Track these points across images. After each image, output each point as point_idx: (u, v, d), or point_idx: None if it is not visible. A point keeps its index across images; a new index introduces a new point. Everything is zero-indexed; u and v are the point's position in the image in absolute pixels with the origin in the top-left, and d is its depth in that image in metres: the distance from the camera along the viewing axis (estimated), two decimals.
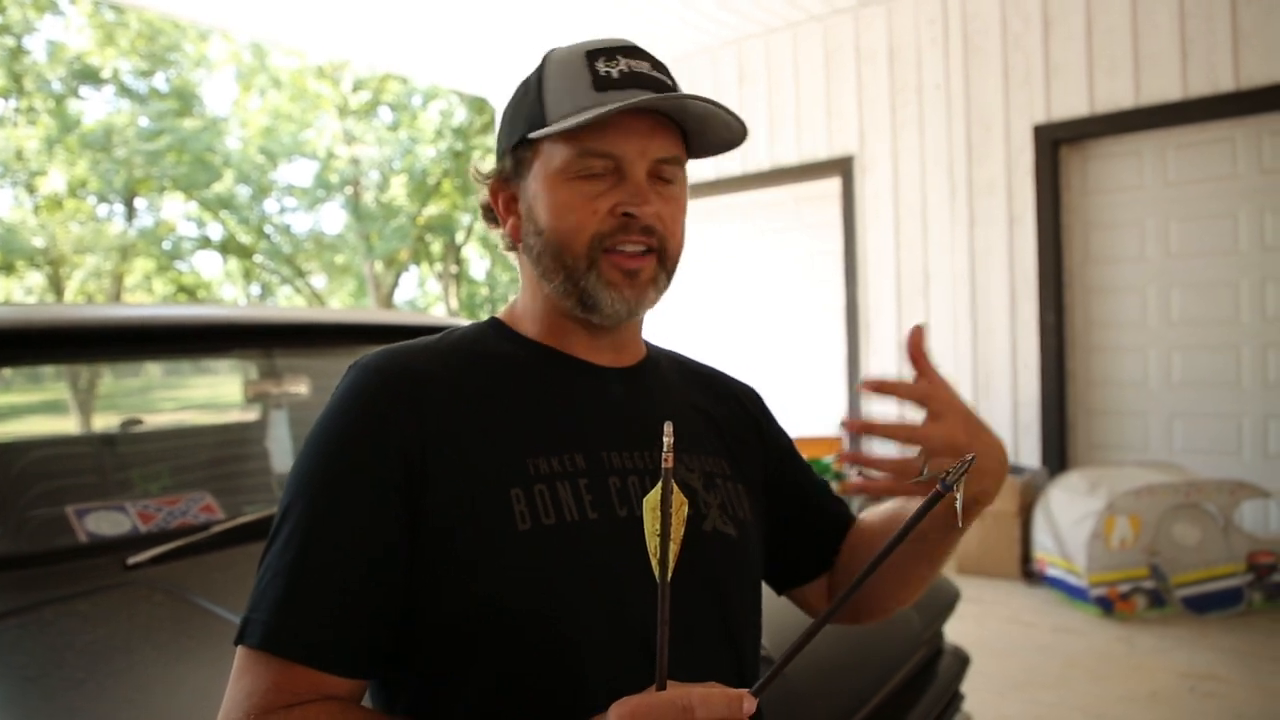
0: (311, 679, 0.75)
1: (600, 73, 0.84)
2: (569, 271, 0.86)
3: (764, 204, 6.53)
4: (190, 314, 2.41)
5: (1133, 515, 4.15)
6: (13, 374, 4.46)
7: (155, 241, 15.42)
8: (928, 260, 5.63)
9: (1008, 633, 3.99)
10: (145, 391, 9.20)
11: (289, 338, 2.34)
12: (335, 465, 0.80)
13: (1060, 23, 5.04)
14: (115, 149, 13.91)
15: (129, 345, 2.14)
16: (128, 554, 1.69)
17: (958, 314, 5.52)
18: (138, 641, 1.38)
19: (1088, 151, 5.14)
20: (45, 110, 14.12)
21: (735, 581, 0.91)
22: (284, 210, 17.08)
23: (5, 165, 14.25)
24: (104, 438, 2.69)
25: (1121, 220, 5.06)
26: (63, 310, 2.18)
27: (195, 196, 15.37)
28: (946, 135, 5.51)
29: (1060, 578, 4.37)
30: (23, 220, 14.29)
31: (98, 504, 1.86)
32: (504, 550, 0.78)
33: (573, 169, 0.84)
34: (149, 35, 14.72)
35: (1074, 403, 5.21)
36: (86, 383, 7.58)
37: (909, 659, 1.63)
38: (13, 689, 1.27)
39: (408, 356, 0.87)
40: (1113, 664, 3.59)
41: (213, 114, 15.93)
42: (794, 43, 6.15)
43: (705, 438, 0.97)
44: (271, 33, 6.96)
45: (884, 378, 0.89)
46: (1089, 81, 4.97)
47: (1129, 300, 5.05)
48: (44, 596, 1.53)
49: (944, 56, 5.50)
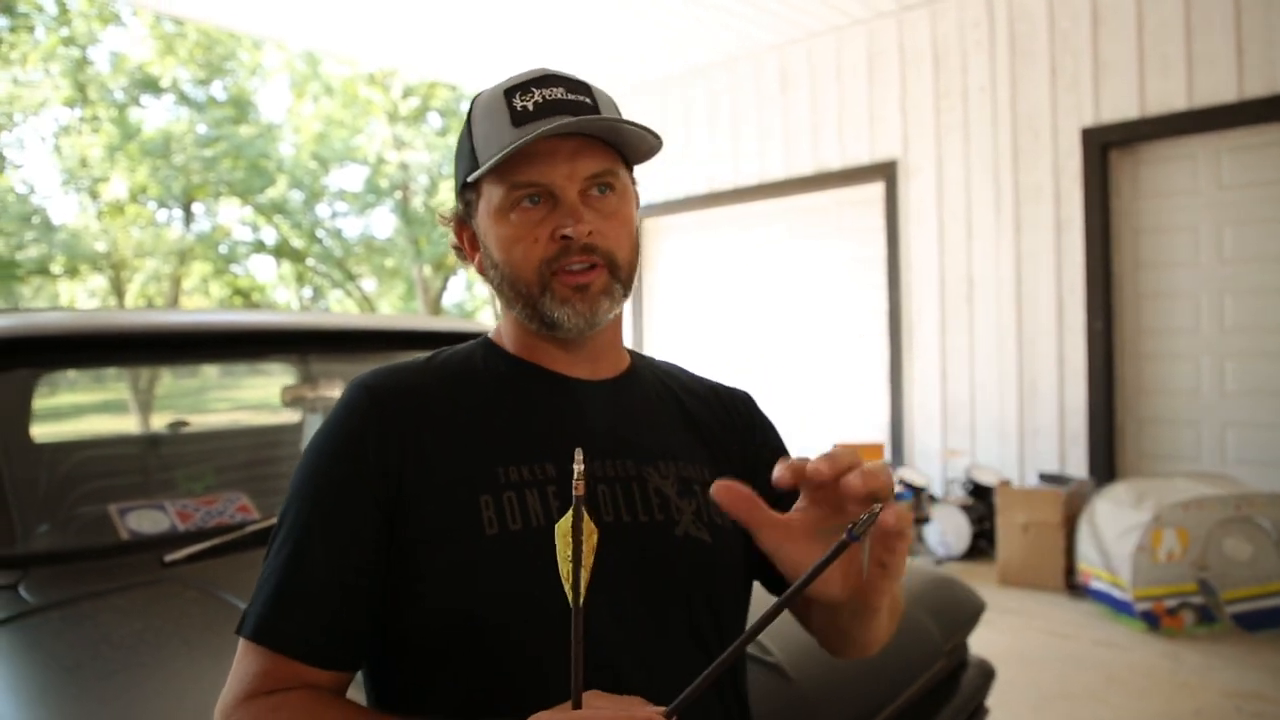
0: (295, 669, 0.82)
1: (517, 108, 0.88)
2: (526, 298, 0.91)
3: (806, 209, 6.49)
4: (229, 320, 2.48)
5: (1181, 528, 4.05)
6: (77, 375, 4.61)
7: (212, 246, 15.81)
8: (972, 266, 5.56)
9: (1048, 645, 3.92)
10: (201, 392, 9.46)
11: (324, 343, 2.41)
12: (325, 477, 0.87)
13: (1110, 21, 4.94)
14: (174, 155, 14.30)
15: (172, 350, 2.22)
16: (165, 551, 1.75)
17: (1003, 321, 5.43)
18: (169, 636, 1.44)
19: (1139, 155, 5.03)
20: (108, 119, 14.56)
21: (707, 586, 0.92)
22: (335, 215, 17.39)
23: (70, 173, 14.74)
24: (150, 438, 2.78)
25: (1173, 225, 4.94)
26: (111, 316, 2.27)
27: (250, 201, 15.72)
28: (992, 139, 5.43)
29: (1104, 591, 4.28)
30: (86, 226, 14.76)
31: (139, 502, 1.92)
32: (472, 554, 0.83)
33: (509, 203, 0.89)
34: (207, 45, 15.11)
35: (1123, 411, 5.10)
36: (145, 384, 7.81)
37: (925, 670, 1.62)
38: (51, 678, 1.33)
39: (397, 376, 0.94)
40: (1156, 680, 3.51)
41: (267, 121, 16.30)
42: (837, 46, 6.12)
43: (685, 446, 0.99)
44: (324, 42, 7.13)
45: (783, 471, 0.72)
46: (1140, 82, 4.87)
47: (1181, 306, 4.93)
48: (85, 591, 1.60)
49: (989, 59, 5.43)
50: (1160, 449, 5.03)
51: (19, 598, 1.57)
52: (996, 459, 5.46)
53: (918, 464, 5.83)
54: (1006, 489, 4.87)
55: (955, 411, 5.67)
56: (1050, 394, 5.26)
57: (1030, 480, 5.26)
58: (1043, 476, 5.13)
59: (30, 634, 1.46)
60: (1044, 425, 5.28)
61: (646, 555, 0.89)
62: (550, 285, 0.89)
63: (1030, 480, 5.26)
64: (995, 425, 5.49)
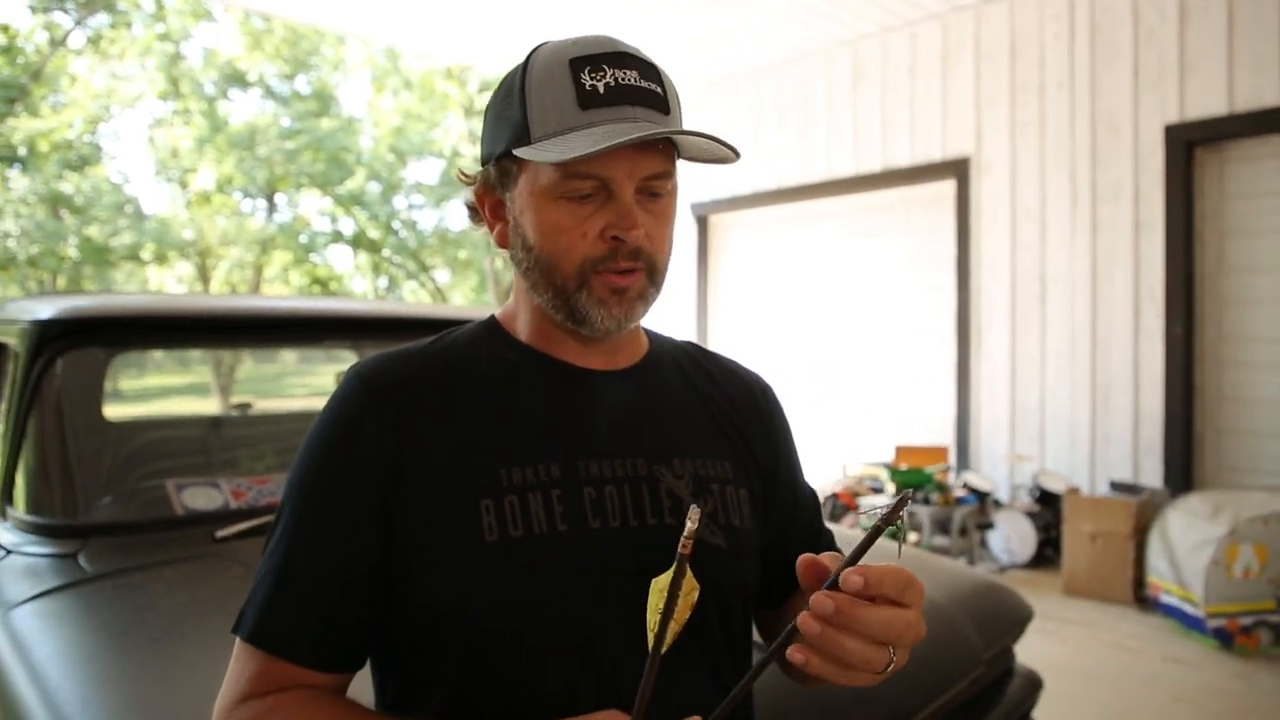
0: (290, 671, 0.80)
1: (585, 86, 0.81)
2: (558, 290, 0.85)
3: (873, 206, 6.39)
4: (294, 306, 2.55)
5: (1259, 543, 3.88)
6: (164, 357, 4.76)
7: (292, 235, 16.28)
8: (1045, 267, 5.40)
9: (1113, 659, 3.79)
10: (279, 378, 9.76)
11: (391, 330, 2.46)
12: (319, 473, 0.84)
13: (1199, 14, 4.74)
14: (258, 148, 14.77)
15: (239, 334, 2.30)
16: (217, 527, 1.82)
17: (1076, 324, 5.27)
18: (213, 609, 1.49)
19: (1225, 154, 4.82)
20: (198, 112, 15.11)
21: (719, 592, 0.88)
22: (411, 207, 17.73)
23: (162, 163, 15.35)
24: (215, 420, 2.88)
25: (1262, 228, 4.72)
26: (182, 300, 2.36)
27: (329, 193, 16.13)
28: (1069, 137, 5.26)
29: (1175, 605, 4.12)
30: (175, 215, 15.36)
31: (196, 480, 1.99)
32: (470, 560, 0.79)
33: (560, 189, 0.82)
34: (292, 41, 15.56)
35: (1202, 420, 4.90)
36: (227, 368, 8.09)
37: (962, 678, 1.57)
38: (99, 643, 1.39)
39: (397, 364, 0.88)
40: (1225, 701, 3.36)
41: (347, 115, 16.71)
42: (912, 41, 6.00)
43: (704, 439, 0.95)
44: (403, 38, 7.31)
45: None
46: (1229, 78, 4.66)
47: (1267, 313, 4.70)
48: (138, 562, 1.67)
49: (1069, 53, 5.25)
50: (1240, 461, 4.81)
51: (78, 566, 1.64)
52: (1066, 466, 5.30)
53: (983, 469, 5.69)
54: (1075, 496, 4.72)
55: (1024, 416, 5.52)
56: (1125, 400, 5.07)
57: (1101, 489, 5.08)
58: (1114, 485, 4.96)
59: (85, 601, 1.53)
60: (1117, 432, 5.10)
61: (654, 561, 0.82)
62: (590, 283, 0.83)
63: (1101, 489, 5.08)
64: (1066, 431, 5.33)
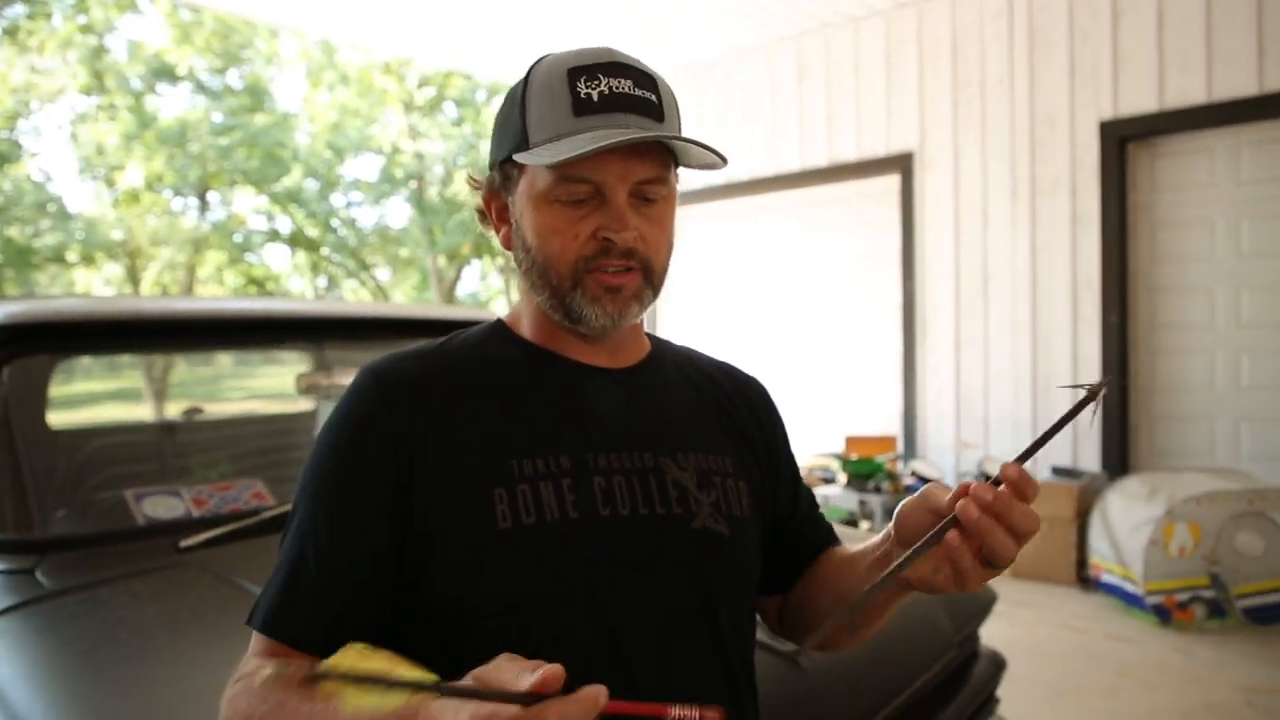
0: (301, 660, 0.81)
1: (580, 95, 0.84)
2: (554, 289, 0.88)
3: (820, 201, 6.47)
4: (245, 308, 2.50)
5: (1193, 522, 4.03)
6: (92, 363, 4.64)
7: (227, 235, 15.86)
8: (988, 259, 5.53)
9: (1059, 638, 3.91)
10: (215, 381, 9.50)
11: (340, 331, 2.42)
12: (332, 467, 0.86)
13: (1130, 15, 4.90)
14: (189, 144, 14.35)
15: (189, 337, 2.23)
16: (181, 537, 1.77)
17: (1018, 314, 5.41)
18: (185, 621, 1.45)
19: (1156, 148, 4.99)
20: (124, 107, 14.62)
21: (723, 579, 0.92)
22: (350, 204, 17.41)
23: (87, 161, 14.82)
24: (166, 426, 2.80)
25: (1191, 219, 4.91)
26: (127, 303, 2.28)
27: (265, 190, 15.76)
28: (1009, 132, 5.40)
29: (1116, 584, 4.27)
30: (102, 214, 14.84)
31: (155, 488, 1.94)
32: (485, 548, 0.82)
33: (554, 193, 0.86)
34: (223, 33, 15.13)
35: (1136, 407, 5.08)
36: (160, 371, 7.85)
37: (937, 660, 1.62)
38: (67, 662, 1.35)
39: (409, 362, 0.91)
40: (1167, 674, 3.50)
41: (282, 110, 16.34)
42: (855, 38, 6.08)
43: (707, 434, 0.98)
44: (339, 30, 7.14)
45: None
46: (1159, 77, 4.83)
47: (1197, 301, 4.89)
48: (101, 575, 1.61)
49: (1009, 51, 5.39)
50: (1173, 444, 5.00)
51: (35, 582, 1.59)
52: (1009, 452, 5.44)
53: (930, 457, 5.82)
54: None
55: (969, 405, 5.66)
56: (1084, 411, 5.21)
57: (1043, 474, 5.23)
58: (1055, 470, 5.11)
59: (47, 618, 1.48)
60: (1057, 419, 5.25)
61: (664, 548, 0.88)
62: (583, 282, 0.87)
63: (1043, 474, 5.23)
64: (1009, 419, 5.47)
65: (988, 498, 0.75)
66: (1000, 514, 0.75)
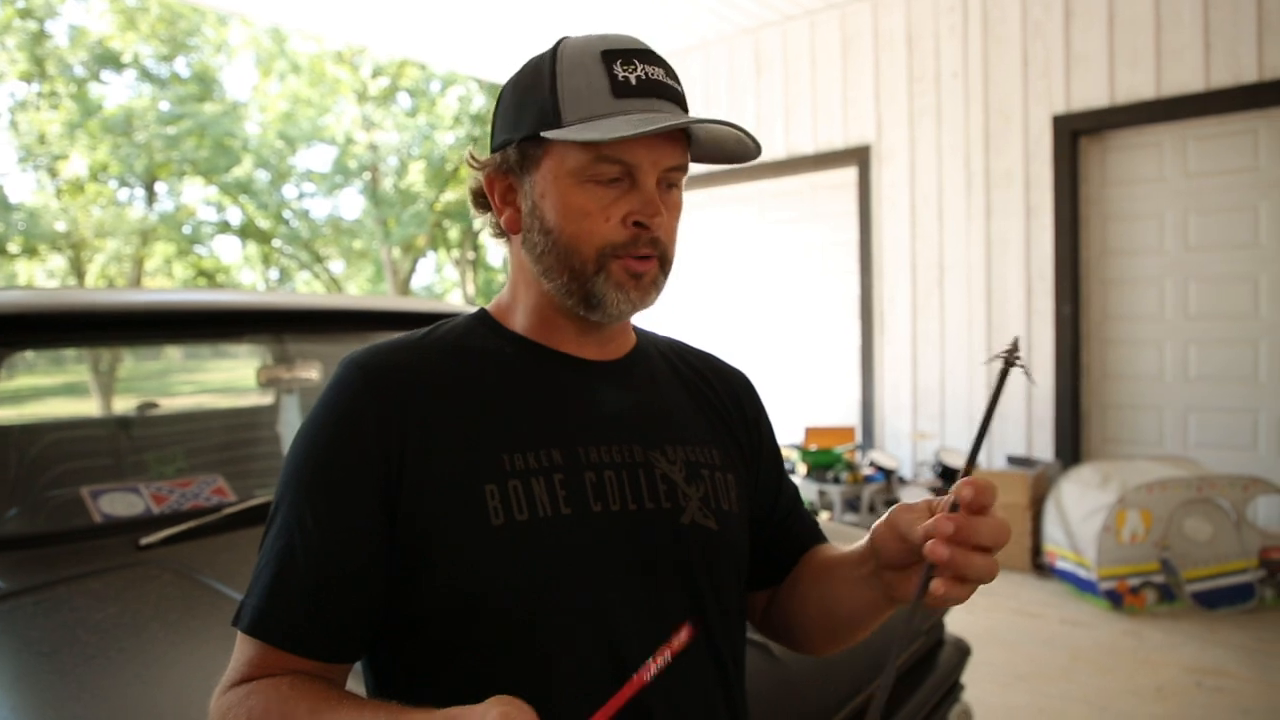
0: (286, 660, 0.80)
1: (618, 77, 0.84)
2: (575, 273, 0.86)
3: (779, 193, 6.51)
4: (205, 300, 2.44)
5: (1144, 509, 4.14)
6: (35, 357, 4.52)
7: (175, 226, 15.52)
8: (943, 251, 5.61)
9: (1015, 624, 3.99)
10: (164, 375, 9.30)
11: (301, 324, 2.37)
12: (319, 461, 0.83)
13: (1082, 12, 4.99)
14: (136, 133, 14.01)
15: (145, 329, 2.17)
16: (140, 535, 1.73)
17: (973, 306, 5.49)
18: (148, 619, 1.41)
19: (1107, 142, 5.10)
20: (67, 94, 14.22)
21: (712, 574, 0.92)
22: (303, 195, 17.15)
23: (28, 149, 14.38)
24: (120, 421, 2.73)
25: (1140, 212, 5.02)
26: (81, 295, 2.22)
27: (215, 181, 15.46)
28: (964, 125, 5.47)
29: (1070, 571, 4.37)
30: (45, 204, 14.42)
31: (112, 485, 1.89)
32: (477, 544, 0.80)
33: (586, 173, 0.84)
34: (169, 20, 14.79)
35: (1088, 396, 5.19)
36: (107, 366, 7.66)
37: (906, 649, 1.64)
38: (28, 664, 1.31)
39: (393, 353, 0.88)
40: (1120, 657, 3.59)
41: (232, 99, 16.01)
42: (811, 31, 6.12)
43: (693, 427, 0.98)
44: (290, 18, 6.97)
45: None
46: (1110, 72, 4.92)
47: (1146, 293, 5.01)
48: (59, 575, 1.57)
49: (963, 44, 5.46)
50: (1124, 433, 5.12)
51: None
52: (965, 442, 5.54)
53: (888, 447, 5.89)
54: (974, 471, 4.92)
55: (925, 395, 5.74)
56: (1019, 379, 5.32)
57: (998, 463, 5.33)
58: (1010, 459, 5.21)
59: (4, 619, 1.44)
60: (1011, 409, 5.36)
61: (653, 543, 0.87)
62: (608, 267, 0.85)
63: (998, 463, 5.33)
64: (964, 409, 5.56)
65: (950, 530, 0.74)
66: (967, 540, 0.75)
